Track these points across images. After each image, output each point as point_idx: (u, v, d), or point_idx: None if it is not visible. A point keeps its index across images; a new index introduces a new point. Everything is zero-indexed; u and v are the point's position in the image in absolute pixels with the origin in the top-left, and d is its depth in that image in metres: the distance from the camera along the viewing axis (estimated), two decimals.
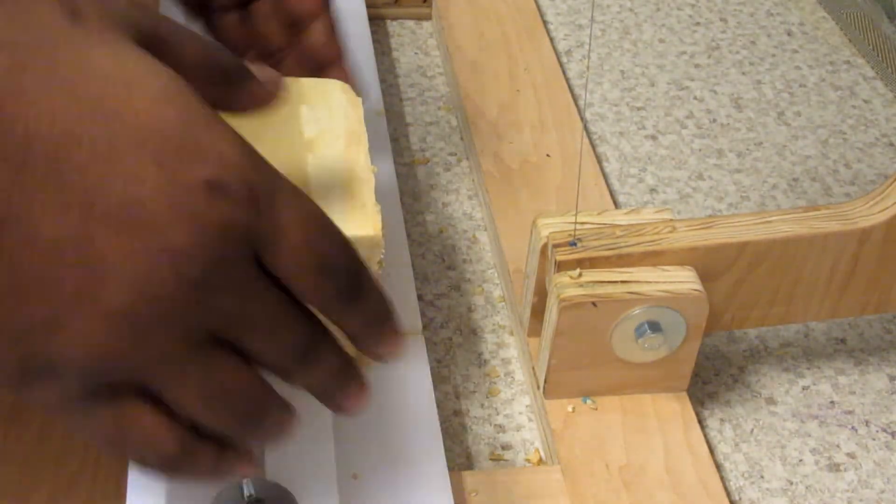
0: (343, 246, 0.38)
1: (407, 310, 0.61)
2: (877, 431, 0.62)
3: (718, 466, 0.59)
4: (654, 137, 0.81)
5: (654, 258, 0.57)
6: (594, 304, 0.55)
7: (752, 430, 0.61)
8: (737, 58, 0.91)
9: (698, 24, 0.94)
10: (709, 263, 0.57)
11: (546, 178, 0.73)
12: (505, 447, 0.60)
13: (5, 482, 0.53)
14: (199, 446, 0.37)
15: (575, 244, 0.58)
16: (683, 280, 0.56)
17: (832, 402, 0.63)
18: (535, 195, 0.72)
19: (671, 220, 0.59)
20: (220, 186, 0.33)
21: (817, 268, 0.58)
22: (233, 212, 0.33)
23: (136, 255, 0.32)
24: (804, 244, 0.57)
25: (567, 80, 0.84)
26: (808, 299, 0.59)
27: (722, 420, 0.62)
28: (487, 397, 0.62)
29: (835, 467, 0.60)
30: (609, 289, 0.56)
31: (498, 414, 0.61)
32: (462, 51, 0.84)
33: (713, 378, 0.64)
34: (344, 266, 0.38)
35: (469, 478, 0.56)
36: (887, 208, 0.57)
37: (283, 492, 0.50)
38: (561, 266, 0.58)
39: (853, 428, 0.62)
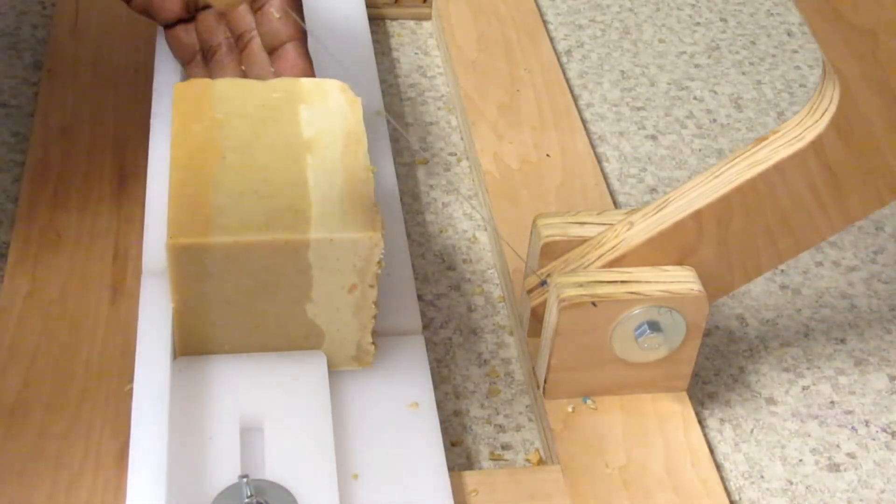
0: None
1: (407, 310, 0.61)
2: (877, 431, 0.62)
3: (718, 466, 0.59)
4: (654, 137, 0.81)
5: (617, 264, 0.57)
6: (594, 304, 0.55)
7: (752, 430, 0.61)
8: (737, 58, 0.91)
9: (698, 24, 0.94)
10: (673, 245, 0.57)
11: (546, 178, 0.73)
12: (505, 447, 0.60)
13: (5, 482, 0.53)
14: None
15: (546, 283, 0.59)
16: (683, 280, 0.56)
17: (832, 402, 0.63)
18: (535, 195, 0.72)
19: (631, 213, 0.58)
20: None
21: (793, 193, 0.56)
22: None
23: None
24: (761, 183, 0.55)
25: (567, 80, 0.84)
26: (809, 221, 0.57)
27: (722, 420, 0.62)
28: (487, 397, 0.62)
29: (835, 467, 0.60)
30: (609, 289, 0.56)
31: (498, 414, 0.61)
32: (462, 51, 0.84)
33: (713, 378, 0.64)
34: None
35: (469, 478, 0.56)
36: (825, 112, 0.54)
37: (283, 492, 0.50)
38: (535, 311, 0.60)
39: (853, 428, 0.62)
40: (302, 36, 0.64)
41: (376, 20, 0.90)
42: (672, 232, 0.56)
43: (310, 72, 0.64)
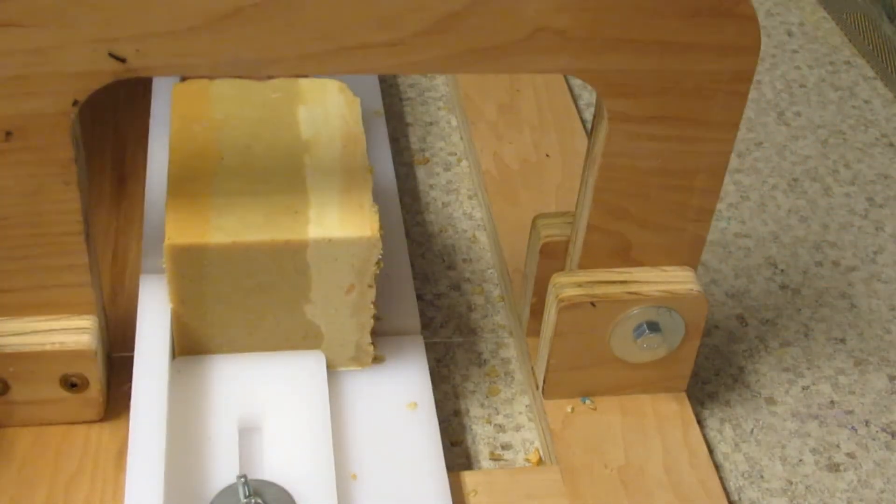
0: None
1: (406, 310, 0.61)
2: (877, 431, 0.62)
3: (718, 466, 0.59)
4: None
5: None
6: (593, 304, 0.55)
7: (752, 430, 0.61)
8: None
9: None
10: (603, 256, 0.56)
11: (546, 178, 0.73)
12: (505, 447, 0.60)
13: (4, 482, 0.53)
14: None
15: None
16: (682, 280, 0.56)
17: (832, 402, 0.63)
18: (535, 195, 0.72)
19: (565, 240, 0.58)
20: None
21: (648, 154, 0.53)
22: None
23: None
24: (610, 172, 0.54)
25: (567, 80, 0.84)
26: (693, 155, 0.54)
27: (722, 420, 0.62)
28: (487, 397, 0.62)
29: (835, 467, 0.60)
30: (608, 289, 0.56)
31: (498, 414, 0.61)
32: None
33: (713, 378, 0.64)
34: None
35: (469, 478, 0.56)
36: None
37: (281, 492, 0.50)
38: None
39: (853, 428, 0.62)
40: None
41: None
42: (590, 251, 0.56)
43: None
